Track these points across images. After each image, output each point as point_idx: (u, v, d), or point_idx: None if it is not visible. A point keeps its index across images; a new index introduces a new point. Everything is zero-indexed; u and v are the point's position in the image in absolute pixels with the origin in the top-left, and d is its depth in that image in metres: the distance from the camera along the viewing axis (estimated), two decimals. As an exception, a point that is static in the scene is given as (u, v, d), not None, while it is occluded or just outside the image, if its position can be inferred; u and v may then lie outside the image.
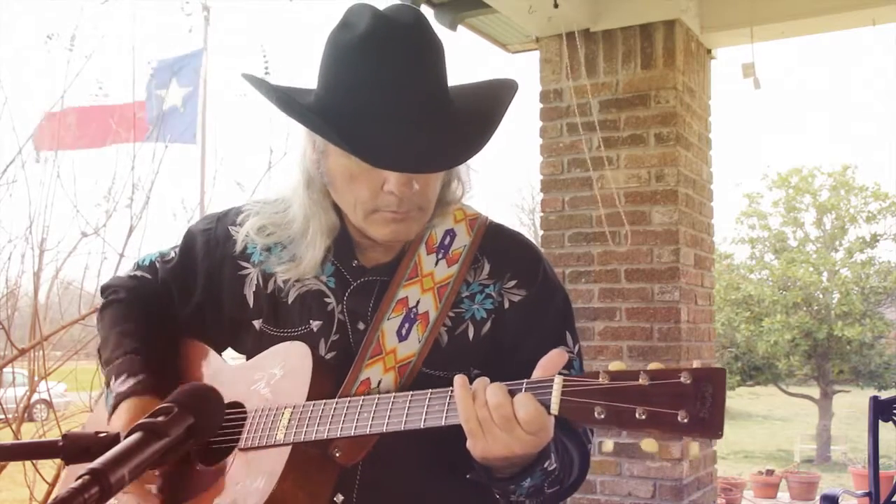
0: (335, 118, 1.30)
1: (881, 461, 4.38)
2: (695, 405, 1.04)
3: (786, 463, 13.33)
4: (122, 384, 1.45)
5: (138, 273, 1.63)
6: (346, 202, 1.40)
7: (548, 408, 1.13)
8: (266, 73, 5.14)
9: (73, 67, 3.77)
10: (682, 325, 4.38)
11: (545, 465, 1.26)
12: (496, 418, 1.16)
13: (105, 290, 1.64)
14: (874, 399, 4.42)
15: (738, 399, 19.69)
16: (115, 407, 1.43)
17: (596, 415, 1.09)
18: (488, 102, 1.38)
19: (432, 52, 1.33)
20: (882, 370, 14.73)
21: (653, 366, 1.09)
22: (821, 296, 15.05)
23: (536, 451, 1.21)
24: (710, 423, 1.04)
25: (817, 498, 7.96)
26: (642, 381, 1.08)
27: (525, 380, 1.17)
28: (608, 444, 1.21)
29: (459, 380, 1.19)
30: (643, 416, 1.06)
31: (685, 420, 1.04)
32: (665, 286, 4.38)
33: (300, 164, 1.43)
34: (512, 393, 1.17)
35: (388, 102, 1.28)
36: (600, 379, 1.10)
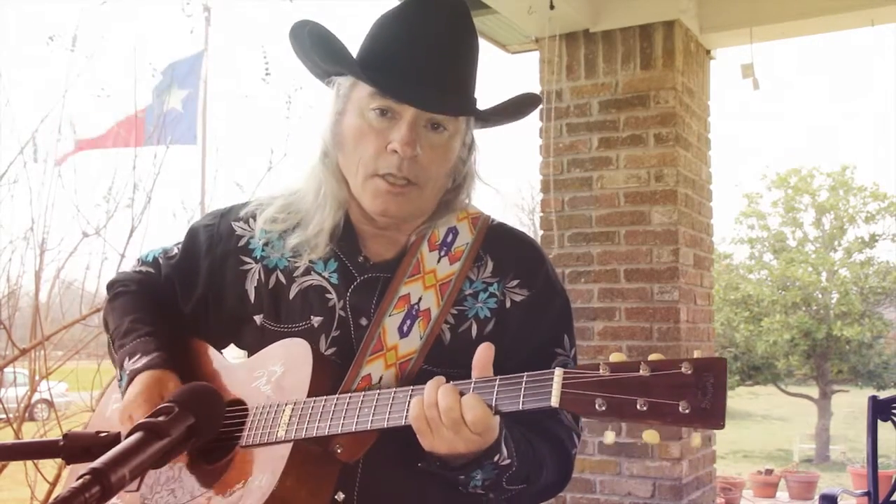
0: (364, 62, 1.42)
1: (880, 460, 4.38)
2: (696, 395, 1.05)
3: (785, 462, 13.32)
4: (135, 362, 1.46)
5: (142, 268, 1.65)
6: (351, 164, 1.43)
7: (547, 400, 1.13)
8: (267, 74, 5.16)
9: (74, 69, 3.79)
10: (682, 325, 4.39)
11: (495, 459, 1.27)
12: (445, 420, 1.20)
13: (113, 284, 1.65)
14: (873, 399, 4.43)
15: (737, 399, 19.67)
16: (129, 383, 1.44)
17: (597, 406, 1.09)
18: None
19: (463, 28, 1.43)
20: (881, 370, 14.72)
21: (653, 357, 1.09)
22: (820, 296, 15.03)
23: (482, 450, 1.24)
24: (711, 414, 1.04)
25: (816, 497, 7.95)
26: (643, 371, 1.08)
27: (526, 373, 1.18)
28: (609, 437, 1.22)
29: (434, 382, 1.23)
30: (644, 408, 1.07)
31: (687, 411, 1.05)
32: (664, 286, 4.39)
33: (320, 136, 1.48)
34: (462, 392, 1.20)
35: (410, 51, 1.39)
36: (601, 370, 1.11)
